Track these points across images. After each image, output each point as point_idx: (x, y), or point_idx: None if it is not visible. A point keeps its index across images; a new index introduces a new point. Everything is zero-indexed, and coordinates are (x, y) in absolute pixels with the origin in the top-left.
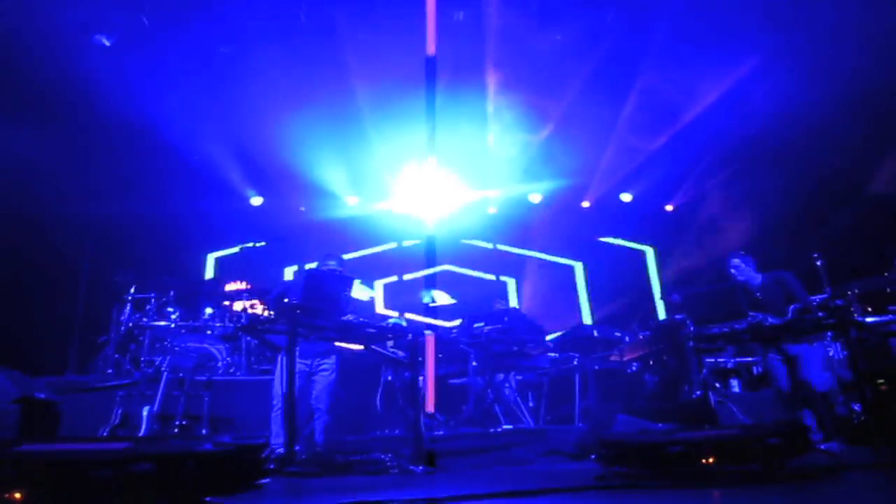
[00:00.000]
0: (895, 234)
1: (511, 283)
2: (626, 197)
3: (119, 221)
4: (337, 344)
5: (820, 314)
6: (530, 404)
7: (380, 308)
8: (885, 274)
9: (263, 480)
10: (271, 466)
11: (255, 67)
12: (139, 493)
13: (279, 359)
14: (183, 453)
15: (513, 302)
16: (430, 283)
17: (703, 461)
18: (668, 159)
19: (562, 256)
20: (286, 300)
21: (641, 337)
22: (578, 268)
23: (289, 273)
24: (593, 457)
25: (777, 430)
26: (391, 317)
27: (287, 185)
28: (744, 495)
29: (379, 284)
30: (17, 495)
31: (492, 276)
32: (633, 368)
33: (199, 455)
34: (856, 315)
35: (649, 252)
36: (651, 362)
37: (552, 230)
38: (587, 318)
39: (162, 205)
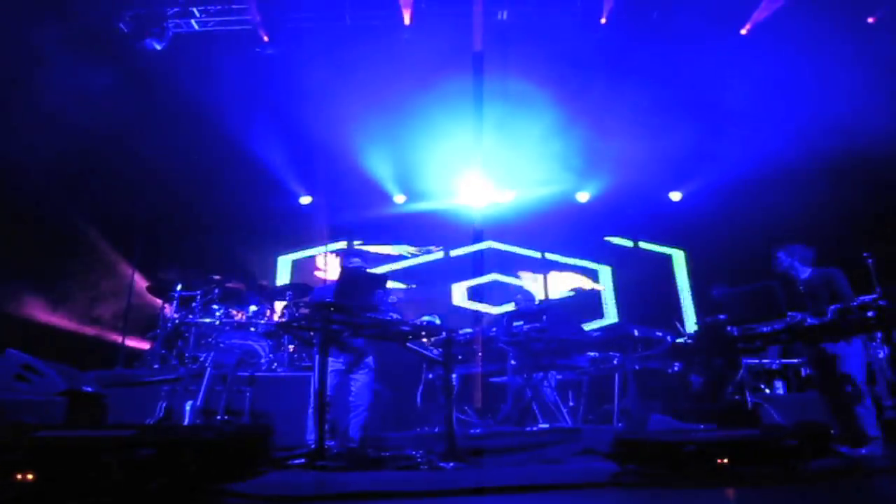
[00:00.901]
0: None
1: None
2: (675, 196)
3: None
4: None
5: (868, 314)
6: (570, 403)
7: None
8: None
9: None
10: (302, 461)
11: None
12: (143, 476)
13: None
14: (182, 439)
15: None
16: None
17: (718, 461)
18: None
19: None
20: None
21: (686, 337)
22: (605, 272)
23: (283, 263)
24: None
25: (795, 433)
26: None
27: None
28: (752, 496)
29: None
30: (30, 476)
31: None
32: (675, 369)
33: (199, 441)
34: None
35: (678, 255)
36: (695, 362)
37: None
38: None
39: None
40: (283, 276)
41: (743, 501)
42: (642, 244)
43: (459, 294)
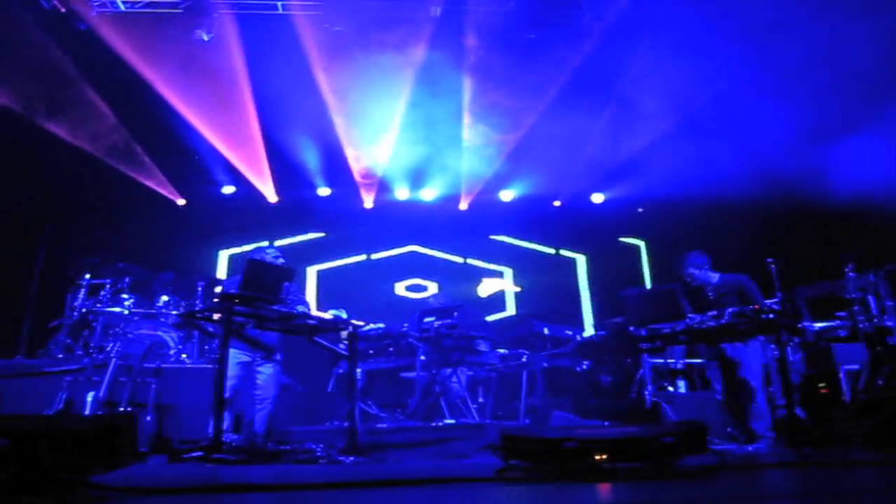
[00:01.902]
0: (851, 242)
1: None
2: (596, 198)
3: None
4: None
5: (762, 317)
6: (480, 400)
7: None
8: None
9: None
10: (200, 454)
11: None
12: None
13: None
14: (39, 430)
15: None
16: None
17: (598, 457)
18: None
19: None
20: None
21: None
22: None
23: (223, 256)
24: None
25: (673, 431)
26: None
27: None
28: (623, 491)
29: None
30: None
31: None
32: (584, 367)
33: (57, 432)
34: (805, 320)
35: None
36: (604, 361)
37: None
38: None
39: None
40: (222, 271)
41: (615, 496)
42: (545, 249)
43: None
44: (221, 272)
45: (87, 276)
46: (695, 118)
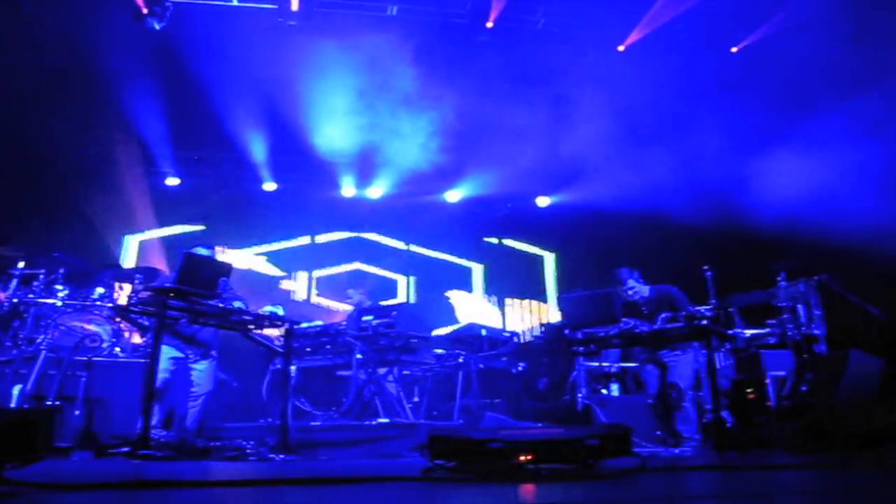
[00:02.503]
0: (784, 251)
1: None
2: (542, 201)
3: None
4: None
5: (694, 323)
6: (415, 399)
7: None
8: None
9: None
10: (126, 449)
11: None
12: None
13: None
14: None
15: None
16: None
17: (522, 458)
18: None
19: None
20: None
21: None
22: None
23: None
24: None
25: (596, 433)
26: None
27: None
28: (543, 492)
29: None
30: None
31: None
32: (520, 369)
33: None
34: (737, 327)
35: (548, 257)
36: (542, 363)
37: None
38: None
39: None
40: (130, 258)
41: (536, 497)
42: (514, 244)
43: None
44: (130, 259)
45: (21, 265)
46: (635, 126)
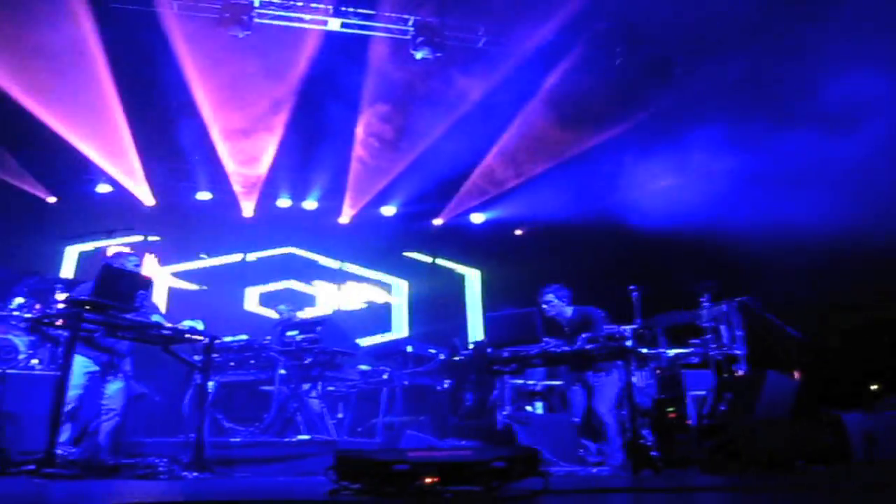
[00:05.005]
0: (707, 272)
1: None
2: (476, 218)
3: None
4: None
5: (622, 343)
6: (339, 415)
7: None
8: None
9: None
10: (31, 468)
11: None
12: None
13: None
14: None
15: None
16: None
17: (428, 480)
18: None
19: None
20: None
21: (459, 355)
22: (402, 286)
23: (71, 252)
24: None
25: (504, 455)
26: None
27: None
28: None
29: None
30: None
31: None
32: (445, 386)
33: None
34: (661, 347)
35: (472, 274)
36: (468, 380)
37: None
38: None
39: None
40: (68, 269)
41: None
42: (440, 261)
43: (253, 299)
44: (68, 270)
45: None
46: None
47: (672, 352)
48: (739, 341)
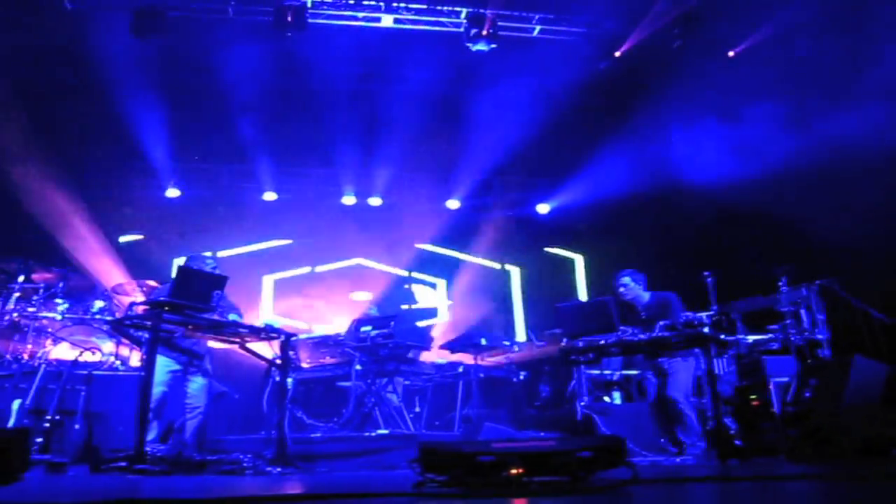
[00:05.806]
0: (783, 256)
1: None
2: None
3: None
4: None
5: (698, 330)
6: (416, 409)
7: None
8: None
9: None
10: (122, 464)
11: None
12: None
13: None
14: None
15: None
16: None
17: (514, 471)
18: None
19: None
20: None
21: (536, 346)
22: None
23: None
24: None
25: (589, 445)
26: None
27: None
28: None
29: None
30: None
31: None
32: (521, 378)
33: None
34: (739, 333)
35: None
36: (544, 372)
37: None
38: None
39: None
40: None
41: None
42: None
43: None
44: None
45: (20, 279)
46: None
47: (752, 338)
48: (821, 325)
